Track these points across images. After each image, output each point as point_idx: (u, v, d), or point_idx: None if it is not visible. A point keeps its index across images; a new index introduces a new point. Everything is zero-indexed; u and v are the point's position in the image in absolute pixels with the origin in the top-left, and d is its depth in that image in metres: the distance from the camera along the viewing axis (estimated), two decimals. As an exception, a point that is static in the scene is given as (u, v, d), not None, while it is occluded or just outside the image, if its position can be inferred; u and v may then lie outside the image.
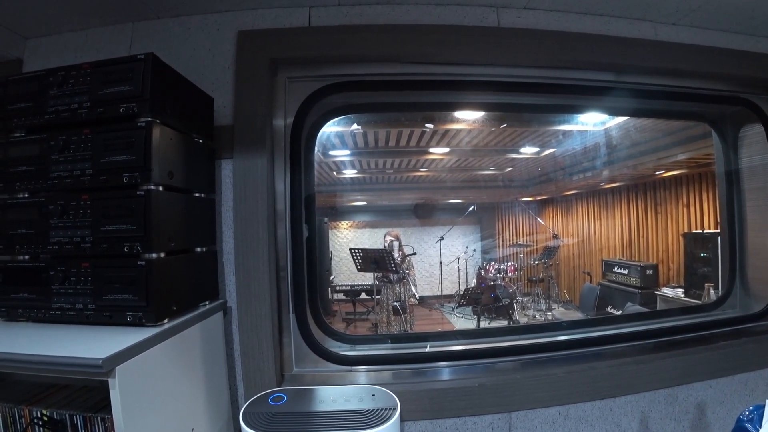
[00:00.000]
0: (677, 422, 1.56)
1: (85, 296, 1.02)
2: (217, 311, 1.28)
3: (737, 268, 1.91)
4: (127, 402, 0.86)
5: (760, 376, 1.64)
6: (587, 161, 4.96)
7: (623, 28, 1.58)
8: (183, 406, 1.10)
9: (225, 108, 1.39)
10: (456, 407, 1.38)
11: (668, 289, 3.99)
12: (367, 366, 1.48)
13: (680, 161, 4.08)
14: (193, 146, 1.21)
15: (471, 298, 4.51)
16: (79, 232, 1.02)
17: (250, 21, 1.42)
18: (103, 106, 1.02)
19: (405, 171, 5.64)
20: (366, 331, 4.70)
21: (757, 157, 1.84)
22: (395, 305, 4.10)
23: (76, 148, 1.03)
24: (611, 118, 3.58)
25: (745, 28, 1.67)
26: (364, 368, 1.48)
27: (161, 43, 1.42)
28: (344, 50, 1.39)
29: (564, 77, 1.60)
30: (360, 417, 1.08)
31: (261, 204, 1.33)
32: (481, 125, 4.00)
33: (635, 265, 4.48)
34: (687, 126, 3.17)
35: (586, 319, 4.34)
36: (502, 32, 1.47)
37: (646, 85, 1.68)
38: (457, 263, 6.53)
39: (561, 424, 1.46)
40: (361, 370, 1.47)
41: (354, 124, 3.62)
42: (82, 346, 0.89)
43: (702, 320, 1.83)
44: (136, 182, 1.00)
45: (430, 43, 1.42)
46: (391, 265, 4.13)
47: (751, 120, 1.84)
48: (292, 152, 1.43)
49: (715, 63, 1.64)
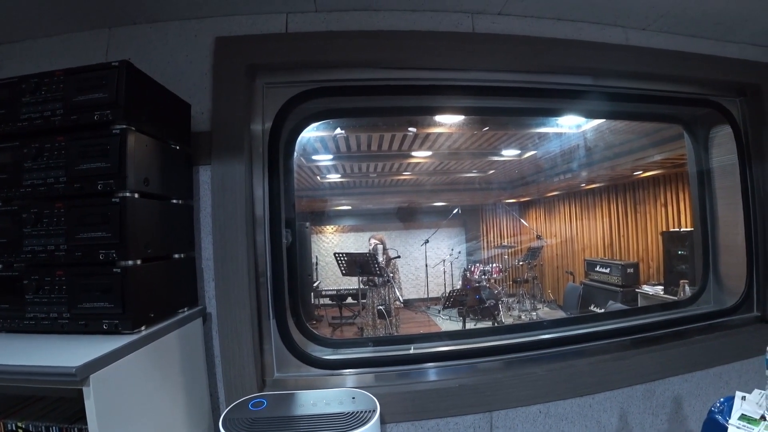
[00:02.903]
0: (655, 416, 1.59)
1: (60, 305, 1.01)
2: (196, 318, 1.28)
3: (710, 264, 1.96)
4: (102, 411, 0.85)
5: (733, 369, 1.69)
6: (567, 163, 5.05)
7: (595, 33, 1.62)
8: (162, 413, 1.09)
9: (203, 114, 1.39)
10: (438, 408, 1.39)
11: (648, 287, 4.08)
12: (349, 369, 1.48)
13: (657, 162, 4.18)
14: (169, 153, 1.21)
15: (456, 300, 4.52)
16: (53, 241, 1.01)
17: (227, 27, 1.42)
18: (77, 114, 1.01)
19: (389, 175, 5.65)
20: (352, 335, 4.69)
21: (727, 157, 1.90)
22: (380, 309, 4.10)
23: (49, 155, 1.02)
24: (588, 120, 3.65)
25: (711, 33, 1.72)
26: (346, 372, 1.48)
27: (138, 49, 1.41)
28: (321, 56, 1.40)
29: (539, 81, 1.64)
30: (340, 420, 1.09)
31: (239, 210, 1.33)
32: (463, 129, 4.04)
33: (616, 264, 4.56)
34: (662, 127, 3.25)
35: (566, 318, 4.39)
36: (477, 38, 1.50)
37: (620, 89, 1.73)
38: (443, 265, 6.55)
39: (542, 422, 1.48)
40: (344, 373, 1.47)
41: (337, 129, 3.62)
42: (56, 355, 0.88)
43: (678, 316, 1.87)
44: (111, 189, 0.99)
45: (406, 48, 1.44)
46: (376, 269, 4.13)
47: (720, 121, 1.90)
48: (270, 158, 1.43)
49: (684, 67, 1.69)
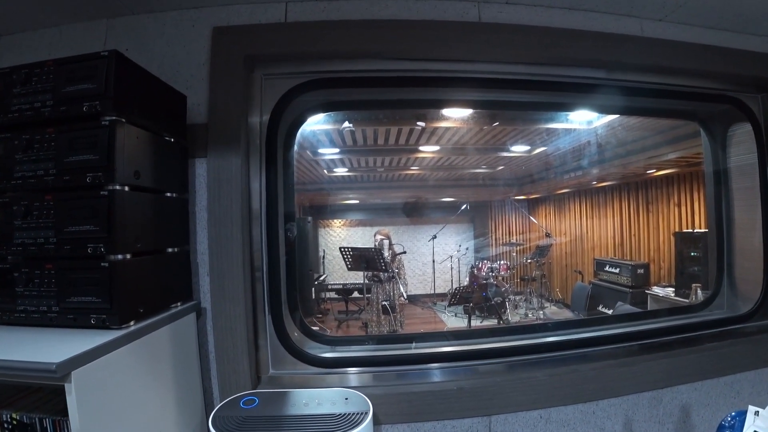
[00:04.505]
0: (661, 425, 1.54)
1: (49, 298, 1.00)
2: (190, 312, 1.26)
3: (725, 268, 1.89)
4: (85, 407, 0.84)
5: (746, 379, 1.62)
6: (578, 160, 4.94)
7: (608, 24, 1.55)
8: (151, 409, 1.08)
9: (199, 106, 1.36)
10: (435, 410, 1.36)
11: (659, 288, 3.98)
12: (345, 368, 1.46)
13: (671, 160, 4.07)
14: (163, 145, 1.19)
15: (462, 297, 4.48)
16: (43, 233, 1.00)
17: (225, 17, 1.38)
18: (67, 105, 0.99)
19: (396, 169, 5.60)
20: (357, 329, 4.68)
21: (746, 156, 1.81)
22: (384, 304, 4.08)
23: (39, 147, 1.01)
24: (601, 116, 3.55)
25: (732, 25, 1.64)
26: (342, 370, 1.45)
27: (135, 40, 1.39)
28: (321, 46, 1.36)
29: (549, 74, 1.58)
30: (331, 421, 1.06)
31: (235, 204, 1.30)
32: (472, 123, 3.97)
33: (627, 264, 4.46)
34: (677, 125, 3.15)
35: (572, 320, 4.33)
36: (483, 27, 1.44)
37: (633, 83, 1.65)
38: (450, 262, 6.49)
39: (542, 427, 1.44)
40: (340, 372, 1.45)
41: (345, 122, 3.58)
42: (41, 349, 0.87)
43: (689, 321, 1.80)
44: (99, 182, 0.97)
45: (409, 38, 1.39)
46: (381, 264, 4.10)
47: (739, 119, 1.81)
48: (268, 150, 1.41)
49: (702, 60, 1.62)
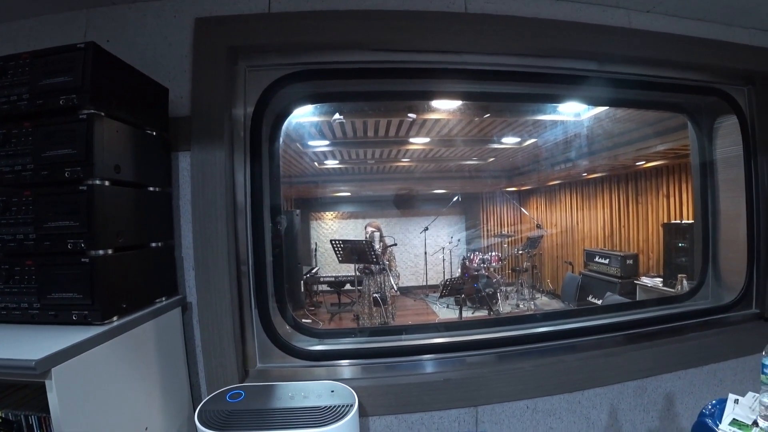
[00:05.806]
0: (646, 413, 1.57)
1: (30, 295, 0.99)
2: (175, 307, 1.25)
3: (710, 258, 1.91)
4: (67, 404, 0.84)
5: (728, 367, 1.65)
6: (568, 152, 4.95)
7: (597, 15, 1.54)
8: (137, 404, 1.08)
9: (182, 98, 1.34)
10: (422, 402, 1.37)
11: (648, 279, 4.03)
12: (333, 361, 1.46)
13: (660, 152, 4.08)
14: (145, 139, 1.17)
15: (453, 289, 4.49)
16: (22, 229, 0.99)
17: (208, 7, 1.36)
18: (43, 98, 0.97)
19: (387, 161, 5.58)
20: (349, 322, 4.69)
21: (731, 148, 1.82)
22: (375, 296, 4.09)
23: (16, 141, 0.99)
24: (589, 108, 3.55)
25: (720, 17, 1.64)
26: (330, 363, 1.45)
27: (116, 31, 1.36)
28: (306, 37, 1.34)
29: (536, 65, 1.57)
30: (316, 414, 1.07)
31: (220, 197, 1.29)
32: (463, 115, 3.95)
33: (616, 254, 4.50)
34: (666, 117, 3.16)
35: (560, 311, 4.36)
36: (469, 18, 1.43)
37: (621, 74, 1.65)
38: (442, 253, 6.50)
39: (529, 417, 1.46)
40: (328, 365, 1.45)
41: (335, 114, 3.55)
42: (22, 346, 0.87)
43: (673, 311, 1.83)
44: (78, 177, 0.96)
45: (395, 29, 1.38)
46: (372, 257, 4.10)
47: (725, 111, 1.81)
48: (253, 143, 1.39)
49: (689, 52, 1.62)
